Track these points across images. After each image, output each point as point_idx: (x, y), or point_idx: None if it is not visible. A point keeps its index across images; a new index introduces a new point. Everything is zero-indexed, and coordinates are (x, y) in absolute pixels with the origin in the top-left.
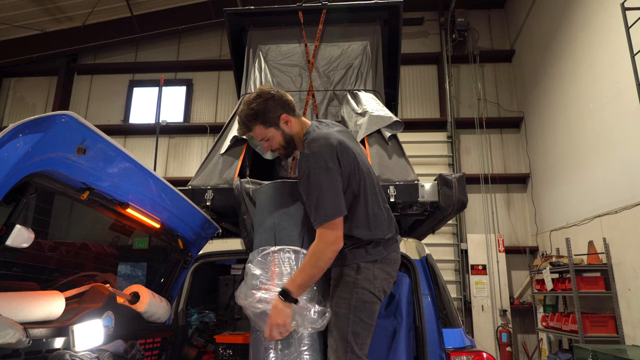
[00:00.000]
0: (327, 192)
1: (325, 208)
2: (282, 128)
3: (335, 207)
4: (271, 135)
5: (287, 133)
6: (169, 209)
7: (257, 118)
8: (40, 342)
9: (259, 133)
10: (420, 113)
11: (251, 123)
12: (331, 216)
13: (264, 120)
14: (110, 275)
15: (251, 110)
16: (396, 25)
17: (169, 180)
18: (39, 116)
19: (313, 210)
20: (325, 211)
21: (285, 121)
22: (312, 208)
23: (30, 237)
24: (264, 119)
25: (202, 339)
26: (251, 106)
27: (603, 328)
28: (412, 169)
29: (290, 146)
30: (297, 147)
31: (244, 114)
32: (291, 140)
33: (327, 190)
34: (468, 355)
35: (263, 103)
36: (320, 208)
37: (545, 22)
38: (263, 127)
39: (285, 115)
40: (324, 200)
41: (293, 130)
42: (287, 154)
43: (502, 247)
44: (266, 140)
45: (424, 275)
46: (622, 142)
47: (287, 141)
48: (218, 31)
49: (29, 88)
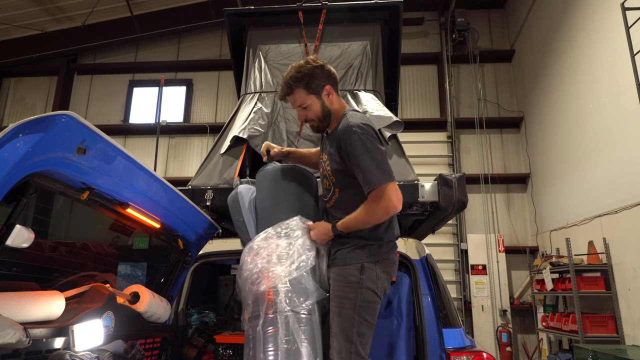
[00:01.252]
0: (377, 156)
1: (376, 174)
2: (323, 99)
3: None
4: (310, 103)
5: (327, 106)
6: (169, 209)
7: (302, 81)
8: (40, 342)
9: (299, 98)
10: (420, 113)
11: (295, 85)
12: (379, 182)
13: (308, 85)
14: (110, 275)
15: (298, 73)
16: (396, 25)
17: (169, 180)
18: (39, 116)
19: (362, 177)
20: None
21: (328, 93)
22: (362, 175)
23: (30, 237)
24: (308, 83)
25: (202, 339)
26: (297, 69)
27: (603, 328)
28: (412, 169)
29: (326, 120)
30: (329, 124)
31: (290, 75)
32: (328, 114)
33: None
34: (468, 355)
35: (311, 69)
36: (371, 173)
37: (545, 22)
38: (305, 93)
39: (330, 87)
40: (374, 165)
41: (332, 105)
42: (319, 128)
43: (502, 247)
44: (303, 108)
45: (424, 275)
46: (622, 142)
47: (325, 114)
48: (218, 31)
49: (29, 88)
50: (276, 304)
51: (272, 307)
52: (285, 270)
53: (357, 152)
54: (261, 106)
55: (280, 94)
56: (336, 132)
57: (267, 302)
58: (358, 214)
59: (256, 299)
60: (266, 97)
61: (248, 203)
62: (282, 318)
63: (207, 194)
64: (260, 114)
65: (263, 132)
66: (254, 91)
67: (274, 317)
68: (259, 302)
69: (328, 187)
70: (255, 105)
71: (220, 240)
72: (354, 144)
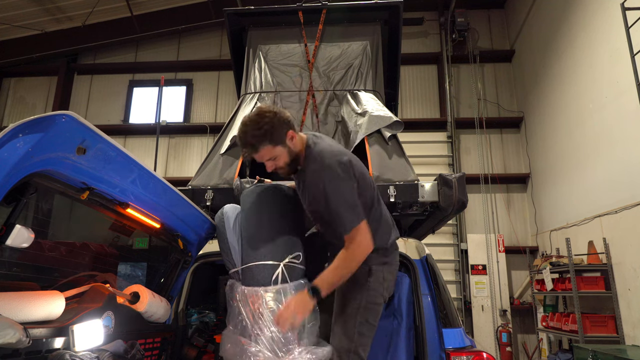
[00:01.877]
0: (348, 199)
1: (347, 215)
2: (289, 145)
3: (358, 213)
4: (278, 154)
5: (293, 150)
6: (169, 209)
7: (265, 137)
8: (40, 342)
9: (266, 153)
10: (420, 113)
11: (259, 144)
12: (356, 221)
13: (272, 139)
14: (110, 275)
15: (259, 130)
16: (396, 25)
17: (169, 180)
18: (39, 116)
19: (336, 219)
20: (347, 219)
21: (291, 137)
22: (335, 218)
23: (30, 237)
24: (272, 137)
25: (202, 339)
26: (258, 125)
27: (603, 328)
28: (412, 169)
29: (294, 163)
30: (299, 164)
31: (250, 134)
32: (296, 157)
33: (348, 198)
34: (468, 355)
35: (270, 122)
36: (343, 216)
37: (545, 22)
38: (271, 147)
39: (291, 132)
40: (345, 207)
41: (297, 147)
42: (289, 172)
43: (502, 247)
44: (273, 160)
45: (424, 275)
46: (622, 142)
47: (292, 159)
48: (218, 31)
49: (29, 88)
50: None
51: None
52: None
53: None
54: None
55: (245, 154)
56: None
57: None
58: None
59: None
60: (266, 97)
61: (233, 223)
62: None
63: (207, 194)
64: None
65: None
66: (254, 91)
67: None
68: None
69: (312, 220)
70: (255, 105)
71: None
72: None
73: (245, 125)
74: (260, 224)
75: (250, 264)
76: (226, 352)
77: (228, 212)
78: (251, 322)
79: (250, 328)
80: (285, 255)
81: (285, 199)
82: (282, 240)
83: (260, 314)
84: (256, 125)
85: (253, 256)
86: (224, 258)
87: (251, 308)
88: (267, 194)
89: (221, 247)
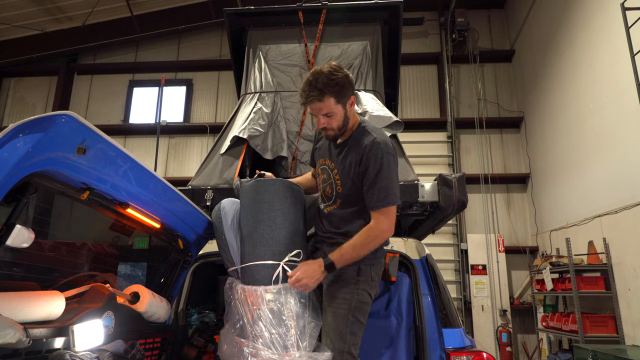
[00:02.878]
0: (395, 178)
1: (392, 193)
2: (348, 109)
3: (397, 195)
4: (336, 113)
5: (348, 117)
6: (169, 209)
7: (334, 88)
8: (40, 342)
9: (327, 106)
10: (420, 113)
11: (327, 91)
12: (393, 202)
13: (338, 94)
14: (110, 275)
15: (332, 80)
16: (396, 25)
17: (169, 180)
18: (39, 116)
19: (377, 192)
20: (391, 196)
21: (351, 103)
22: (376, 190)
23: (30, 237)
24: (339, 93)
25: (202, 339)
26: (333, 75)
27: (603, 328)
28: (412, 169)
29: (343, 130)
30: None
31: (322, 81)
32: (347, 124)
33: (395, 177)
34: (468, 355)
35: (343, 78)
36: (388, 191)
37: (545, 22)
38: (334, 101)
39: (354, 98)
40: (392, 185)
41: (351, 116)
42: (335, 137)
43: (502, 247)
44: (328, 116)
45: (424, 275)
46: (622, 142)
47: (345, 123)
48: (218, 31)
49: (29, 88)
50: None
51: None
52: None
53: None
54: (261, 106)
55: (307, 98)
56: (357, 145)
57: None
58: (357, 243)
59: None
60: (266, 97)
61: (231, 219)
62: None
63: (207, 194)
64: (260, 114)
65: (263, 132)
66: (254, 91)
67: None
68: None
69: (330, 194)
70: (255, 105)
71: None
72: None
73: (318, 73)
74: (260, 221)
75: (249, 263)
76: (223, 352)
77: (226, 207)
78: (250, 322)
79: (249, 328)
80: (286, 253)
81: (287, 194)
82: (283, 237)
83: (259, 314)
84: (331, 75)
85: (253, 255)
86: (222, 255)
87: (250, 308)
88: (267, 189)
89: (219, 243)
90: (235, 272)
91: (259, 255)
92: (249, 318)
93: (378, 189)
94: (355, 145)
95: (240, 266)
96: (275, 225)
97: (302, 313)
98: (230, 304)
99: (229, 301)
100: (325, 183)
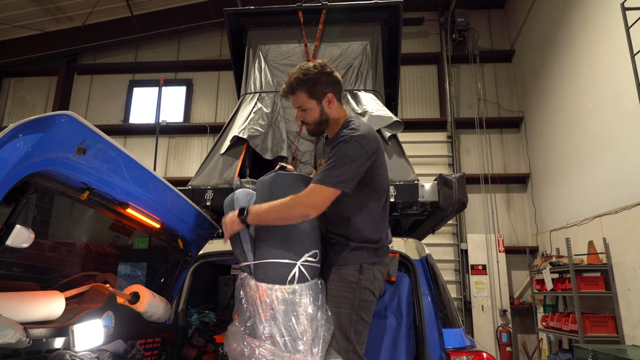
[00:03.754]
0: (350, 166)
1: (336, 176)
2: (323, 105)
3: (345, 182)
4: (310, 107)
5: (325, 113)
6: (169, 209)
7: (305, 84)
8: (40, 342)
9: (300, 100)
10: (420, 113)
11: (298, 87)
12: (333, 184)
13: (310, 90)
14: (110, 275)
15: (302, 76)
16: (396, 25)
17: (169, 180)
18: (39, 116)
19: (324, 169)
20: (333, 177)
21: (329, 100)
22: (326, 167)
23: (30, 237)
24: (310, 88)
25: (202, 339)
26: (304, 72)
27: (603, 328)
28: (412, 169)
29: (322, 126)
30: (325, 130)
31: (295, 77)
32: (326, 121)
33: (351, 165)
34: (468, 355)
35: (317, 74)
36: (332, 172)
37: (545, 22)
38: (306, 96)
39: (331, 95)
40: (342, 170)
41: (331, 113)
42: (314, 132)
43: (502, 247)
44: (302, 110)
45: (424, 275)
46: (622, 142)
47: (322, 120)
48: (218, 31)
49: (29, 88)
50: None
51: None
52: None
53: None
54: (261, 106)
55: (283, 91)
56: (337, 139)
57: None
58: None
59: None
60: (266, 97)
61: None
62: None
63: (207, 194)
64: (260, 114)
65: (263, 132)
66: (254, 91)
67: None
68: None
69: None
70: (255, 105)
71: (220, 240)
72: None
73: (296, 69)
74: None
75: (265, 260)
76: (233, 350)
77: (240, 198)
78: (263, 321)
79: (261, 327)
80: (303, 253)
81: (303, 185)
82: (301, 236)
83: (273, 314)
84: (303, 72)
85: (269, 252)
86: (234, 249)
87: (264, 306)
88: (290, 183)
89: (231, 236)
90: (248, 268)
91: (276, 253)
92: (262, 317)
93: (327, 166)
94: (338, 139)
95: (254, 262)
96: (296, 223)
97: (316, 315)
98: (242, 300)
99: (239, 297)
100: None
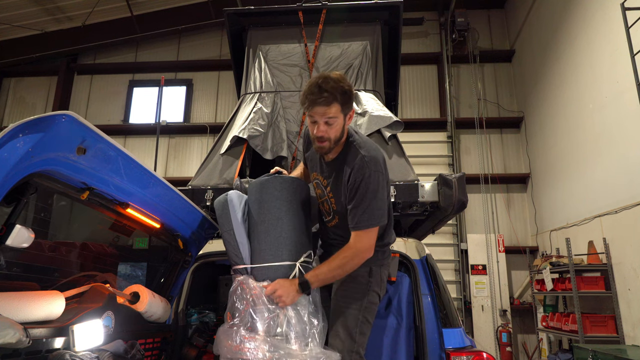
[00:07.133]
0: (381, 198)
1: (376, 214)
2: (346, 121)
3: (382, 216)
4: (337, 122)
5: (344, 130)
6: (169, 209)
7: (344, 95)
8: (40, 342)
9: (332, 111)
10: (420, 113)
11: (340, 97)
12: (376, 223)
13: (345, 103)
14: (110, 275)
15: (341, 86)
16: (396, 25)
17: (169, 180)
18: (39, 116)
19: (360, 212)
20: (375, 217)
21: (350, 116)
22: (360, 210)
23: (30, 237)
24: (345, 101)
25: (202, 339)
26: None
27: (603, 328)
28: (412, 169)
29: (336, 144)
30: (335, 148)
31: (333, 84)
32: (342, 136)
33: (381, 197)
34: (468, 355)
35: (351, 88)
36: (370, 213)
37: (545, 22)
38: (340, 109)
39: (353, 112)
40: (377, 206)
41: (345, 130)
42: (327, 150)
43: (502, 247)
44: (328, 124)
45: (424, 275)
46: (622, 142)
47: (340, 137)
48: (218, 31)
49: (29, 88)
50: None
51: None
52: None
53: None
54: (261, 106)
55: (315, 100)
56: (345, 163)
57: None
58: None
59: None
60: (266, 97)
61: (242, 215)
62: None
63: (207, 194)
64: (260, 114)
65: (263, 132)
66: (254, 91)
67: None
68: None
69: (328, 210)
70: (255, 105)
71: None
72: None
73: (326, 77)
74: (279, 218)
75: (267, 264)
76: (227, 347)
77: (234, 200)
78: (264, 320)
79: (264, 326)
80: (300, 253)
81: (304, 193)
82: (299, 237)
83: (277, 312)
84: (342, 82)
85: (269, 253)
86: (229, 251)
87: (264, 306)
88: (287, 187)
89: (225, 238)
90: (245, 270)
91: (276, 254)
92: (263, 317)
93: (362, 209)
94: (344, 163)
95: (254, 265)
96: (293, 224)
97: (316, 313)
98: (240, 301)
99: (238, 298)
100: (321, 199)
